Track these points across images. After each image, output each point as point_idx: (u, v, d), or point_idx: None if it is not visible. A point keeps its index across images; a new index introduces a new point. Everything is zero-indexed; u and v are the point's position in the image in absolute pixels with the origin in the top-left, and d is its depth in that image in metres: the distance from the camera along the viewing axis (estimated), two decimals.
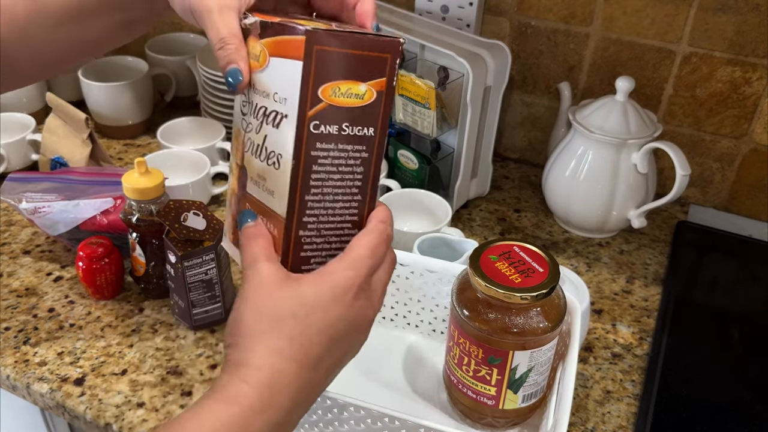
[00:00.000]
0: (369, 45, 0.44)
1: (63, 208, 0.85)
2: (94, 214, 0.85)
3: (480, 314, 0.62)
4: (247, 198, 0.50)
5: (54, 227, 0.86)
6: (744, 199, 1.04)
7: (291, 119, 0.43)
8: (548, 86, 1.08)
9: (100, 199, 0.85)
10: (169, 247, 0.75)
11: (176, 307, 0.81)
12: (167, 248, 0.76)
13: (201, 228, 0.76)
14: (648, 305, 0.88)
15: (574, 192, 0.94)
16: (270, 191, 0.47)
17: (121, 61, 1.22)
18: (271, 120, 0.45)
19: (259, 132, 0.46)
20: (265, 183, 0.47)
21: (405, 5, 1.07)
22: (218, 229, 0.77)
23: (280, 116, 0.45)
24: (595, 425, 0.72)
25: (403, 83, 0.93)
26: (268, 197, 0.47)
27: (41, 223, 0.86)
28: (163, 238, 0.77)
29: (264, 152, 0.46)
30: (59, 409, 0.73)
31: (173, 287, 0.79)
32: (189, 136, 1.09)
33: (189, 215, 0.76)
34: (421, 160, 0.97)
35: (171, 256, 0.76)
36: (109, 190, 0.87)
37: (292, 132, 0.43)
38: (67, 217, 0.85)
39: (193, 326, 0.81)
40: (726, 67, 0.95)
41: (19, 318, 0.82)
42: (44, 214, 0.85)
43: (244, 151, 0.49)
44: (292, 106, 0.43)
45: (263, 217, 0.48)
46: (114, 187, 0.87)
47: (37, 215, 0.85)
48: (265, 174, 0.47)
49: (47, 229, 0.86)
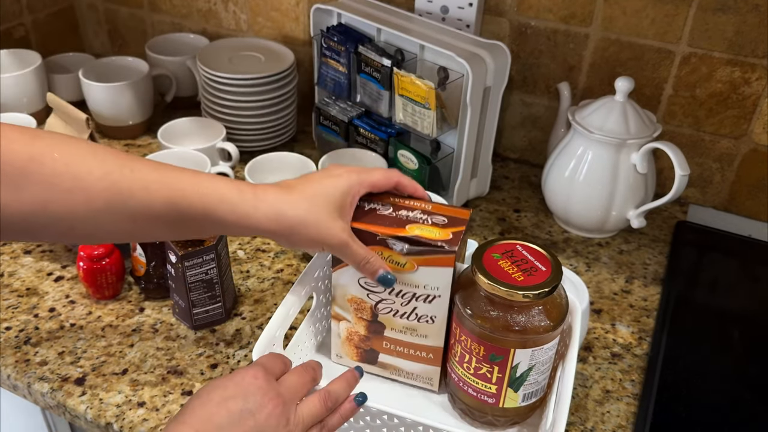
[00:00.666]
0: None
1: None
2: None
3: (482, 312, 0.62)
4: (385, 338, 0.71)
5: None
6: (743, 199, 1.04)
7: (444, 298, 0.66)
8: (548, 86, 1.08)
9: None
10: (170, 246, 0.76)
11: (176, 307, 0.81)
12: (168, 248, 0.76)
13: None
14: (647, 305, 0.88)
15: (574, 192, 0.94)
16: (423, 335, 0.69)
17: (121, 62, 1.22)
18: (422, 299, 0.67)
19: (407, 305, 0.68)
20: (416, 332, 0.69)
21: (405, 5, 1.08)
22: None
23: (433, 296, 0.66)
24: (595, 425, 0.72)
25: (403, 83, 0.93)
26: (421, 339, 0.70)
27: None
28: None
29: (414, 316, 0.68)
30: (60, 409, 0.74)
31: (174, 287, 0.79)
32: (189, 136, 1.09)
33: None
34: (421, 160, 0.97)
35: (171, 256, 0.76)
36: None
37: (445, 304, 0.67)
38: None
39: (194, 326, 0.81)
40: (725, 68, 0.96)
41: (20, 318, 0.82)
42: None
43: (380, 312, 0.70)
44: (445, 291, 0.66)
45: (413, 350, 0.71)
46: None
47: None
48: (416, 327, 0.69)
49: None
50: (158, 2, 1.30)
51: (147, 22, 1.34)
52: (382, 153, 1.02)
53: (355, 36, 1.00)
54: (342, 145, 1.06)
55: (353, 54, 0.98)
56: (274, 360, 0.60)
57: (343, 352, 0.75)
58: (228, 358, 0.78)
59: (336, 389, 0.60)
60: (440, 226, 0.64)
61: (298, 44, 1.23)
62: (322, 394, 0.58)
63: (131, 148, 1.16)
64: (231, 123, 1.11)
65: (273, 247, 0.95)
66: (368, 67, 0.97)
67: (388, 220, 0.65)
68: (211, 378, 0.75)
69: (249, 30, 1.26)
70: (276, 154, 1.02)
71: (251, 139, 1.13)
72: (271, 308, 0.85)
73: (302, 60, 1.23)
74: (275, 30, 1.23)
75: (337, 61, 1.01)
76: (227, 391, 0.54)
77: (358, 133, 1.03)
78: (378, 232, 0.64)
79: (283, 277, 0.90)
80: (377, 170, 0.66)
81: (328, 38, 1.00)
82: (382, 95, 0.98)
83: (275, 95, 1.10)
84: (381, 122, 1.03)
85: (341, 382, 0.61)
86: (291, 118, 1.16)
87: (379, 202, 0.67)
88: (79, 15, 1.41)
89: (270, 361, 0.59)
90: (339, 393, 0.60)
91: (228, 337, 0.81)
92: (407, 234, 0.63)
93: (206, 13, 1.27)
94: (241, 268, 0.91)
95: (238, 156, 1.07)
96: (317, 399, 0.58)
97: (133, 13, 1.35)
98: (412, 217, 0.65)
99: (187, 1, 1.27)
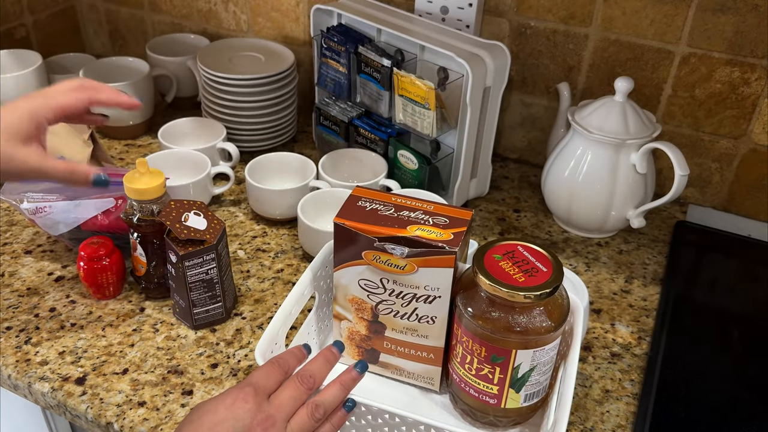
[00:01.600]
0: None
1: (64, 208, 0.85)
2: (95, 213, 0.85)
3: (483, 313, 0.62)
4: (386, 338, 0.72)
5: (55, 227, 0.86)
6: (743, 199, 1.04)
7: (444, 299, 0.66)
8: (547, 87, 1.08)
9: (101, 199, 0.85)
10: (170, 246, 0.76)
11: (177, 307, 0.82)
12: (168, 248, 0.77)
13: (202, 228, 0.76)
14: (647, 305, 0.89)
15: (574, 192, 0.95)
16: (424, 336, 0.69)
17: (121, 62, 1.22)
18: (423, 300, 0.67)
19: (408, 306, 0.68)
20: (416, 332, 0.70)
21: (405, 6, 1.08)
22: (219, 228, 0.77)
23: (433, 297, 0.66)
24: (594, 424, 0.72)
25: (403, 84, 0.93)
26: (422, 339, 0.70)
27: (42, 223, 0.86)
28: (164, 237, 0.77)
29: (415, 316, 0.68)
30: (60, 409, 0.74)
31: (174, 287, 0.80)
32: (190, 136, 1.09)
33: (190, 215, 0.77)
34: (421, 160, 0.97)
35: (172, 256, 0.76)
36: (110, 189, 0.87)
37: (446, 305, 0.67)
38: (69, 217, 0.85)
39: (194, 326, 0.81)
40: (725, 68, 0.96)
41: (20, 317, 0.82)
42: (45, 214, 0.85)
43: (380, 313, 0.70)
44: (446, 292, 0.66)
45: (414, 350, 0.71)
46: (115, 186, 0.87)
47: (39, 215, 0.85)
48: (417, 328, 0.69)
49: (48, 229, 0.86)
50: (159, 3, 1.30)
51: (147, 23, 1.35)
52: (382, 153, 1.02)
53: (355, 36, 1.00)
54: (342, 146, 1.06)
55: (353, 54, 0.98)
56: (267, 374, 0.59)
57: (345, 352, 0.75)
58: (228, 357, 0.78)
59: (326, 399, 0.59)
60: (441, 226, 0.65)
61: (298, 44, 1.23)
62: (310, 408, 0.58)
63: (131, 148, 1.16)
64: (231, 123, 1.11)
65: (273, 247, 0.95)
66: (368, 68, 0.97)
67: (389, 221, 0.65)
68: (212, 378, 0.75)
69: (249, 30, 1.26)
70: (276, 154, 1.03)
71: (251, 139, 1.13)
72: (272, 308, 0.85)
73: (302, 60, 1.23)
74: (275, 30, 1.23)
75: (337, 62, 1.02)
76: (217, 415, 0.55)
77: (358, 133, 1.04)
78: (379, 232, 0.64)
79: (283, 277, 0.90)
80: (66, 92, 0.68)
81: (328, 38, 1.00)
82: (382, 95, 0.98)
83: (275, 95, 1.10)
84: (381, 122, 1.03)
85: (334, 389, 0.60)
86: (291, 118, 1.16)
87: (381, 203, 0.67)
88: (80, 15, 1.41)
89: (263, 378, 0.59)
90: (329, 402, 0.59)
91: (228, 337, 0.81)
92: (408, 234, 0.63)
93: (206, 13, 1.27)
94: (241, 268, 0.91)
95: (238, 156, 1.07)
96: (306, 414, 0.58)
97: (133, 13, 1.35)
98: (414, 217, 0.66)
99: (188, 2, 1.27)
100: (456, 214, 0.67)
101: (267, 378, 0.59)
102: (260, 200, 0.97)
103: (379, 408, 0.61)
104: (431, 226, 0.65)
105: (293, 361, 0.61)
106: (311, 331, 0.76)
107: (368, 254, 0.66)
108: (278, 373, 0.60)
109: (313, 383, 0.59)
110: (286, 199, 0.96)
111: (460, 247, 0.63)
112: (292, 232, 0.98)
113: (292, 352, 0.62)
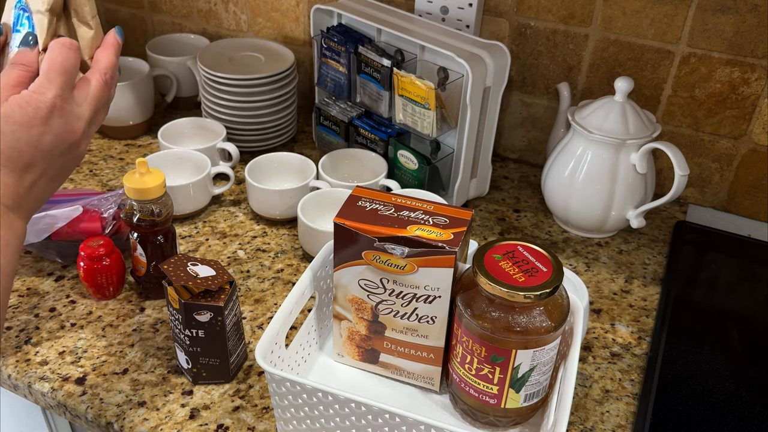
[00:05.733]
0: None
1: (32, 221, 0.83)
2: (63, 223, 0.84)
3: (483, 313, 0.62)
4: (386, 338, 0.72)
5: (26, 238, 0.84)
6: (742, 199, 1.05)
7: (444, 298, 0.66)
8: (547, 87, 1.08)
9: (68, 208, 0.85)
10: (195, 308, 0.69)
11: (203, 370, 0.76)
12: (188, 313, 0.69)
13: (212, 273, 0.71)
14: (647, 305, 0.89)
15: (573, 192, 0.95)
16: (424, 336, 0.70)
17: (122, 62, 1.22)
18: (423, 300, 0.67)
19: (408, 306, 0.68)
20: (416, 332, 0.70)
21: (405, 6, 1.08)
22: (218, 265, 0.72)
23: (433, 297, 0.66)
24: (594, 424, 0.73)
25: (402, 84, 0.93)
26: (422, 339, 0.70)
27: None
28: (181, 307, 0.69)
29: (415, 316, 0.68)
30: (60, 409, 0.74)
31: (200, 350, 0.73)
32: (190, 136, 1.10)
33: (188, 267, 0.71)
34: (421, 160, 0.97)
35: (201, 317, 0.69)
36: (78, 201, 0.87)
37: (446, 305, 0.67)
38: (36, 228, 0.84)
39: (230, 377, 0.78)
40: (725, 68, 0.96)
41: (20, 318, 0.82)
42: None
43: (380, 313, 0.70)
44: (446, 292, 0.66)
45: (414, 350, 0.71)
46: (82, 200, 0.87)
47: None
48: (417, 328, 0.69)
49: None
50: (159, 2, 1.30)
51: (147, 23, 1.35)
52: (382, 153, 1.02)
53: (355, 36, 1.00)
54: (342, 146, 1.06)
55: (353, 54, 0.98)
56: (8, 74, 0.57)
57: (345, 352, 0.75)
58: None
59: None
60: (441, 226, 0.65)
61: (298, 44, 1.23)
62: (100, 74, 0.60)
63: (131, 148, 1.16)
64: (231, 123, 1.11)
65: (273, 247, 0.95)
66: (368, 68, 0.97)
67: (389, 221, 0.65)
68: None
69: (249, 30, 1.26)
70: (276, 154, 1.03)
71: (251, 139, 1.13)
72: (272, 308, 0.85)
73: (302, 60, 1.23)
74: (275, 30, 1.23)
75: (337, 62, 1.02)
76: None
77: (358, 133, 1.04)
78: (379, 232, 0.64)
79: (283, 277, 0.90)
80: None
81: (328, 38, 1.00)
82: (382, 95, 0.98)
83: (275, 95, 1.10)
84: (381, 122, 1.03)
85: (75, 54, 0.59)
86: (291, 118, 1.16)
87: (381, 203, 0.68)
88: None
89: (65, 75, 0.57)
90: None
91: None
92: (408, 234, 0.64)
93: (206, 13, 1.27)
94: (242, 268, 0.91)
95: (238, 156, 1.07)
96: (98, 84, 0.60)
97: (133, 13, 1.35)
98: (414, 217, 0.66)
99: (188, 2, 1.27)
100: (456, 214, 0.67)
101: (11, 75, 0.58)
102: (260, 200, 0.97)
103: (379, 408, 0.61)
104: (431, 226, 0.65)
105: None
106: (311, 331, 0.76)
107: (368, 254, 0.66)
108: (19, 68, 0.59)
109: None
110: (286, 199, 0.96)
111: (460, 247, 0.63)
112: (292, 232, 0.98)
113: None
